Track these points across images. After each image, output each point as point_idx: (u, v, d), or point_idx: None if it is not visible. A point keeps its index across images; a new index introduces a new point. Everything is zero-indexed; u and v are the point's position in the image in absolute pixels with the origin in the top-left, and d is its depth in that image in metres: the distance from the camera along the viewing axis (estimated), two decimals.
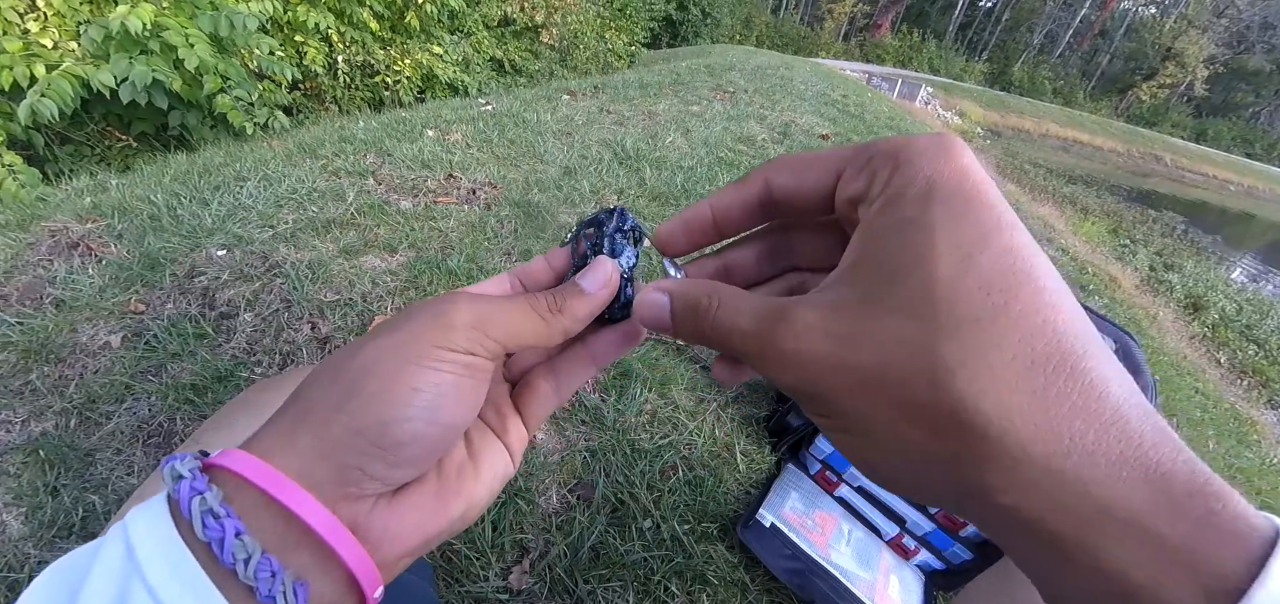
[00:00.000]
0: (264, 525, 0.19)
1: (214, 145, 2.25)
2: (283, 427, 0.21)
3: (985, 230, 0.16)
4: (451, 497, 0.23)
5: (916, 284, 0.16)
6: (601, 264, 0.26)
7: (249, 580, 0.18)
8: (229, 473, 0.19)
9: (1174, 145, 28.19)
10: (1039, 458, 0.15)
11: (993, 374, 0.15)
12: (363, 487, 0.20)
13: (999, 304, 0.16)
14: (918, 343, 0.16)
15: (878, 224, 0.18)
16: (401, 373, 0.21)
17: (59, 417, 0.92)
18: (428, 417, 0.21)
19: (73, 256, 1.23)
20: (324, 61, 3.43)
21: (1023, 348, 0.15)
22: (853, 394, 0.17)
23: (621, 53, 7.46)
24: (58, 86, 1.92)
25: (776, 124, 3.31)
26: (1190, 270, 6.18)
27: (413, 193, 1.72)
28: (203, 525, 0.18)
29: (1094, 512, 0.14)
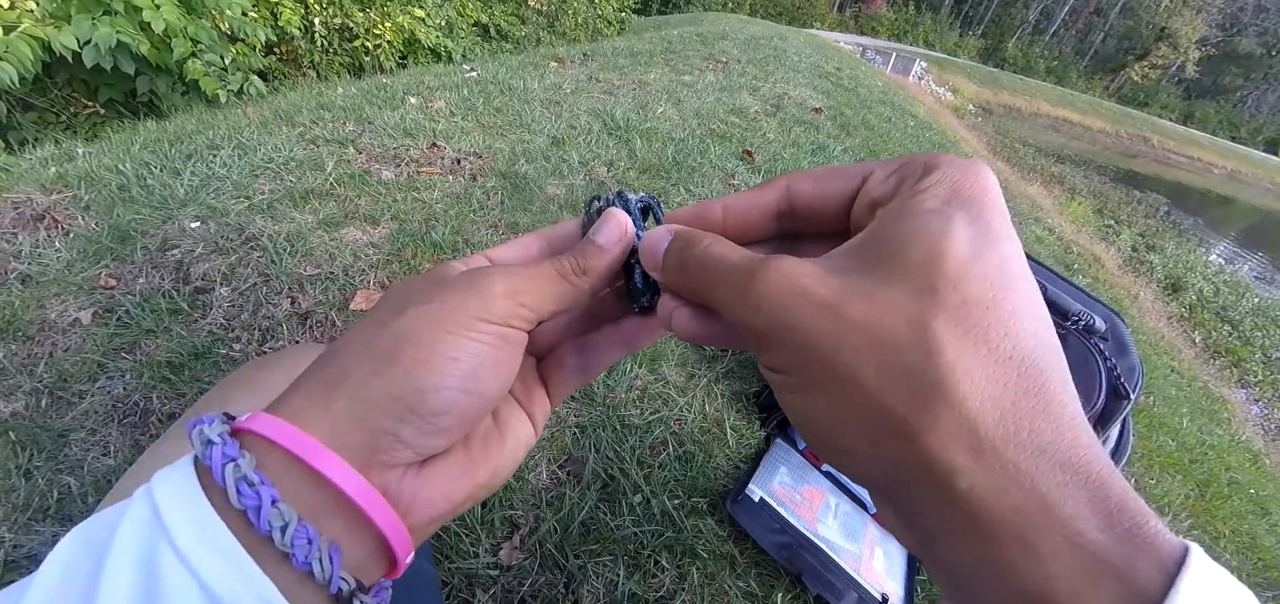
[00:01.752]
0: (297, 492, 0.19)
1: (185, 112, 2.17)
2: (314, 390, 0.20)
3: (995, 235, 0.18)
4: (479, 464, 0.23)
5: (923, 261, 0.17)
6: (612, 215, 0.26)
7: (285, 547, 0.18)
8: (259, 438, 0.19)
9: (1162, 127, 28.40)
10: (1000, 445, 0.15)
11: (977, 358, 0.16)
12: (395, 454, 0.20)
13: (998, 298, 0.17)
14: (915, 311, 0.16)
15: (897, 210, 0.19)
16: (440, 342, 0.21)
17: (29, 396, 0.89)
18: (465, 385, 0.21)
19: (38, 229, 1.18)
20: (300, 23, 3.30)
21: (1006, 344, 0.16)
22: (831, 345, 0.17)
23: (611, 19, 7.28)
24: (16, 49, 1.82)
25: (769, 96, 3.26)
26: (1171, 252, 6.27)
27: (395, 162, 1.67)
28: (238, 493, 0.18)
29: (1037, 509, 0.15)
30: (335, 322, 1.11)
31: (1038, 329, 0.17)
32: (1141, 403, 1.96)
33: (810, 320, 0.18)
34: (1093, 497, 0.15)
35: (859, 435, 0.17)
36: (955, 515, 0.16)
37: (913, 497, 0.17)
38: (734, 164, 2.20)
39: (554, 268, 0.24)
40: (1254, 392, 3.85)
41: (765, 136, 2.60)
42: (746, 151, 2.33)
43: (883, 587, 0.87)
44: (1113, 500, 0.15)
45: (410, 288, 0.23)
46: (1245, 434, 2.55)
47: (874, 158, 2.61)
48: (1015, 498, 0.15)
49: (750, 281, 0.19)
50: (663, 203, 0.31)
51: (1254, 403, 3.72)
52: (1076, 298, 0.84)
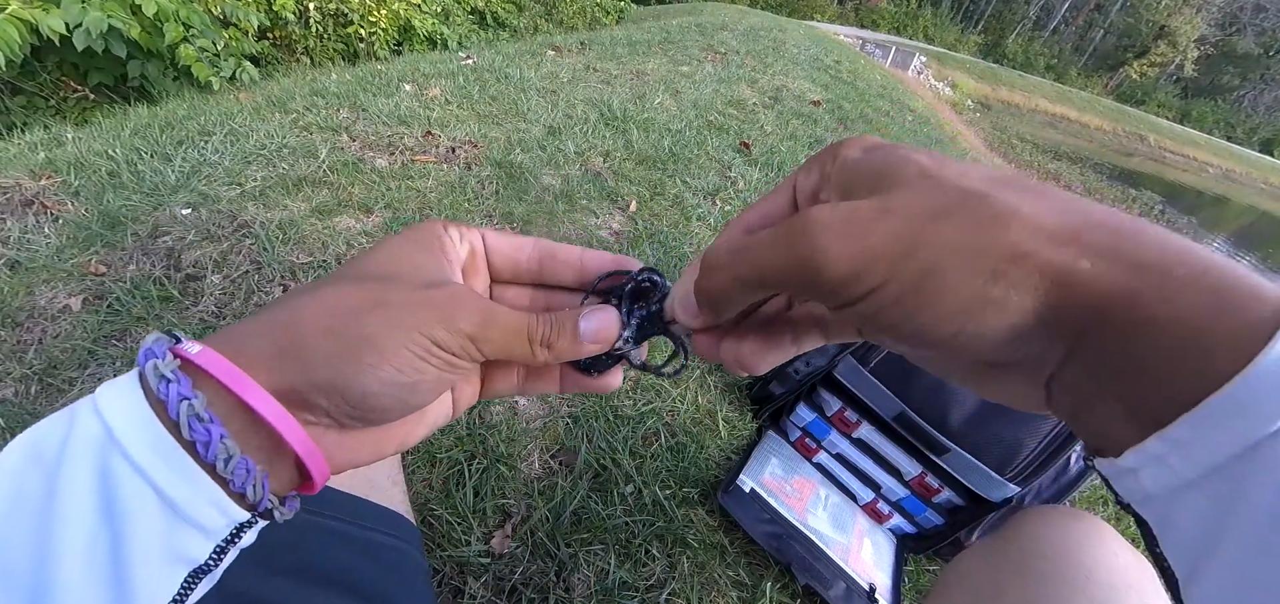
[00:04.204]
0: (237, 428, 0.21)
1: (177, 98, 2.15)
2: (264, 349, 0.22)
3: (942, 159, 0.19)
4: (391, 437, 0.25)
5: (915, 170, 0.18)
6: (605, 316, 0.26)
7: (226, 475, 0.20)
8: (206, 375, 0.21)
9: (1158, 126, 28.44)
10: (1089, 236, 0.16)
11: (1021, 193, 0.17)
12: (320, 417, 0.22)
13: (987, 168, 0.19)
14: (950, 188, 0.18)
15: (842, 165, 0.21)
16: (395, 352, 0.22)
17: (19, 383, 0.89)
18: (399, 395, 0.22)
19: (27, 215, 1.17)
20: (294, 8, 3.26)
21: (1026, 183, 0.18)
22: (909, 240, 0.17)
23: (609, 7, 7.23)
24: (3, 32, 1.80)
25: (768, 88, 3.25)
26: None
27: (389, 150, 1.66)
28: (190, 428, 0.19)
29: (1149, 268, 0.16)
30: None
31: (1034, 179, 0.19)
32: None
33: (875, 235, 0.18)
34: (1181, 247, 0.16)
35: (976, 293, 0.17)
36: (1083, 305, 0.16)
37: (1040, 317, 0.17)
38: (731, 156, 2.20)
39: (527, 330, 0.25)
40: None
41: (763, 129, 2.60)
42: (744, 144, 2.33)
43: (870, 577, 0.88)
44: (1199, 250, 0.16)
45: (395, 255, 0.24)
46: None
47: None
48: (1124, 266, 0.16)
49: (799, 223, 0.19)
50: (658, 201, 0.31)
51: None
52: None
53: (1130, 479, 0.18)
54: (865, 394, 0.88)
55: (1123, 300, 0.16)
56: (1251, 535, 0.15)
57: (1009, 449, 0.82)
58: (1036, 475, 0.82)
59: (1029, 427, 0.81)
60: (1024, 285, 0.17)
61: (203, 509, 0.20)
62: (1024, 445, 0.81)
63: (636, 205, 1.70)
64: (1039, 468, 0.81)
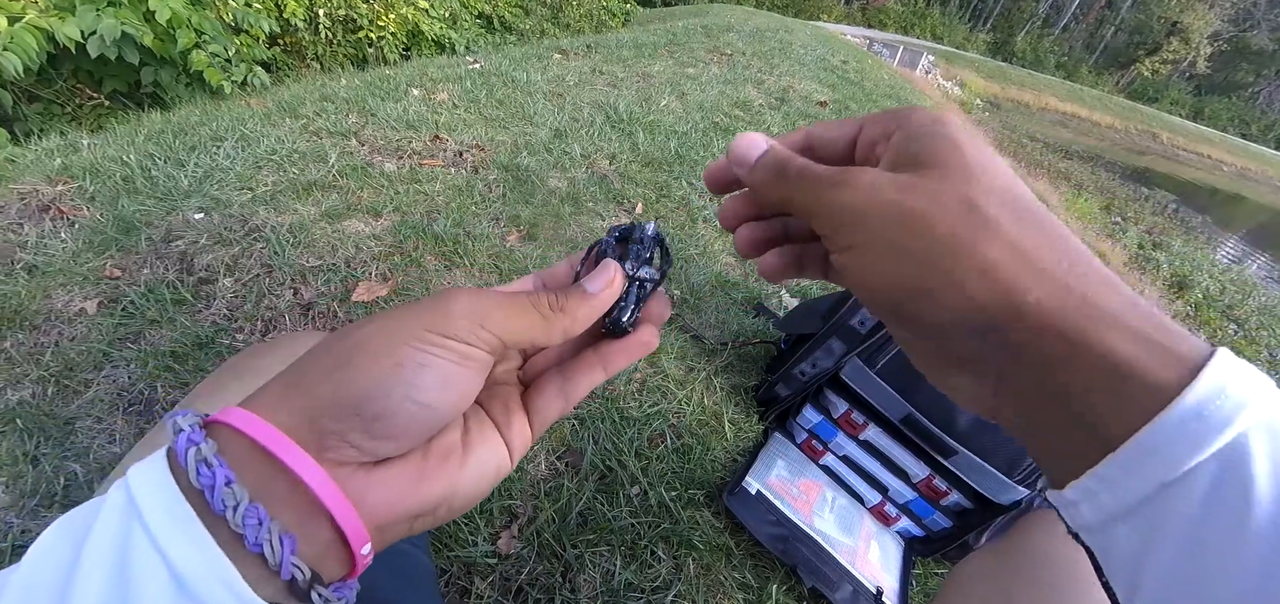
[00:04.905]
0: (253, 477, 0.20)
1: (189, 103, 2.18)
2: (276, 390, 0.22)
3: (987, 150, 0.22)
4: (431, 479, 0.23)
5: (954, 160, 0.21)
6: (607, 267, 0.27)
7: (237, 527, 0.19)
8: (225, 427, 0.20)
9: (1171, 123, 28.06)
10: (1052, 268, 0.20)
11: (1015, 218, 0.21)
12: (342, 452, 0.21)
13: (1013, 185, 0.22)
14: (964, 193, 0.21)
15: (907, 133, 0.23)
16: (389, 350, 0.21)
17: (36, 385, 0.90)
18: (407, 393, 0.21)
19: (44, 220, 1.19)
20: (304, 15, 3.30)
21: (1030, 214, 0.21)
22: (914, 212, 0.21)
23: (615, 11, 7.25)
24: (21, 40, 1.84)
25: (774, 89, 3.25)
26: (1178, 249, 6.21)
27: (397, 154, 1.68)
28: (197, 474, 0.19)
29: (1094, 311, 0.19)
30: (337, 313, 1.12)
31: (1044, 216, 0.21)
32: None
33: (893, 197, 0.22)
34: (1127, 301, 0.20)
35: (942, 279, 0.21)
36: (1031, 326, 0.20)
37: (992, 320, 0.21)
38: None
39: (530, 301, 0.25)
40: None
41: (770, 130, 2.59)
42: None
43: (878, 580, 0.87)
44: (1145, 305, 0.20)
45: (406, 304, 0.24)
46: None
47: None
48: (1078, 304, 0.19)
49: (840, 177, 0.23)
50: (664, 203, 0.32)
51: None
52: None
53: (1073, 511, 0.21)
54: (872, 396, 0.88)
55: (1064, 334, 0.19)
56: (1166, 568, 0.18)
57: (1017, 451, 0.81)
58: (1042, 475, 0.81)
59: None
60: (981, 292, 0.20)
61: (210, 586, 0.19)
62: None
63: (643, 207, 1.70)
64: None
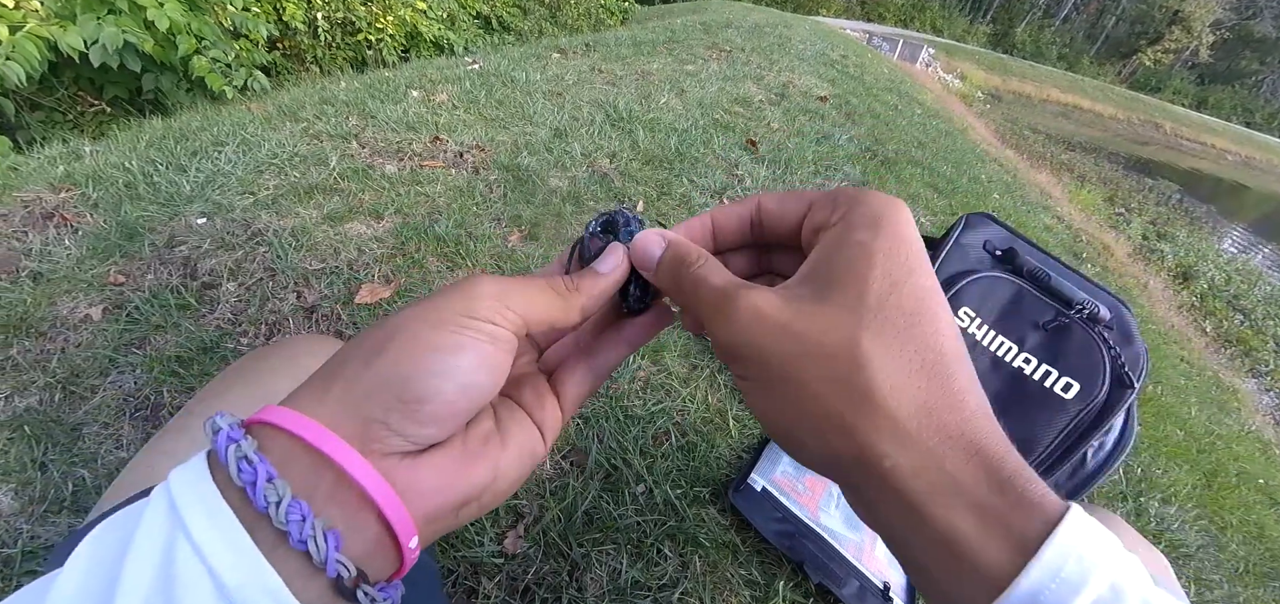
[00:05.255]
0: (296, 474, 0.20)
1: (190, 109, 2.18)
2: (314, 386, 0.22)
3: (910, 268, 0.22)
4: (475, 461, 0.24)
5: (855, 291, 0.22)
6: (614, 249, 0.28)
7: (280, 524, 0.19)
8: (266, 425, 0.20)
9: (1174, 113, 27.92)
10: (916, 435, 0.20)
11: (896, 368, 0.21)
12: (387, 442, 0.21)
13: (910, 324, 0.21)
14: (848, 333, 0.21)
15: (834, 238, 0.23)
16: (424, 335, 0.22)
17: (43, 391, 0.91)
18: (447, 374, 0.22)
19: (48, 227, 1.19)
20: (304, 18, 3.30)
21: (918, 357, 0.21)
22: (787, 360, 0.22)
23: (614, 9, 7.23)
24: (23, 49, 1.84)
25: (774, 85, 3.24)
26: (1182, 240, 6.18)
27: (398, 156, 1.68)
28: (238, 471, 0.19)
29: (945, 481, 0.20)
30: (340, 315, 1.13)
31: (944, 342, 0.21)
32: (1149, 392, 1.95)
33: (770, 340, 0.22)
34: (988, 470, 0.20)
35: (809, 430, 0.22)
36: (886, 489, 0.21)
37: (854, 477, 0.22)
38: (738, 154, 2.19)
39: (547, 282, 0.26)
40: (1265, 381, 3.81)
41: (769, 126, 2.59)
42: (750, 141, 2.32)
43: (884, 575, 0.87)
44: (1006, 472, 0.20)
45: (431, 295, 0.25)
46: (1255, 424, 2.53)
47: (881, 146, 2.58)
48: (929, 475, 0.20)
49: (725, 304, 0.24)
50: (665, 201, 0.33)
51: (1265, 393, 3.68)
52: (1081, 287, 0.83)
53: None
54: None
55: (911, 505, 0.20)
56: None
57: (1023, 444, 0.81)
58: (1052, 471, 0.81)
59: (1044, 421, 0.81)
60: (842, 447, 0.21)
61: (256, 598, 0.18)
62: (1039, 440, 0.80)
63: (644, 205, 1.70)
64: (1055, 463, 0.80)
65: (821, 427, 0.21)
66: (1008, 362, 0.79)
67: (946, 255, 0.83)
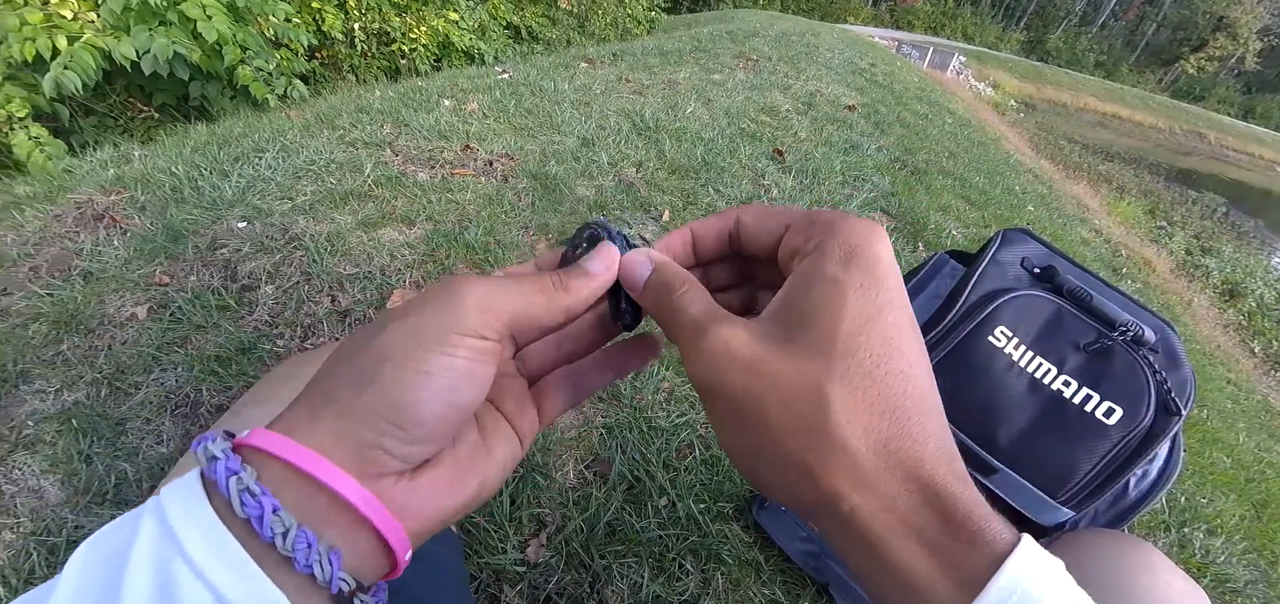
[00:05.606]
0: (295, 500, 0.20)
1: (233, 116, 2.26)
2: (305, 410, 0.22)
3: (881, 305, 0.22)
4: (467, 475, 0.25)
5: (825, 332, 0.21)
6: (605, 248, 0.28)
7: (287, 552, 0.19)
8: (259, 452, 0.21)
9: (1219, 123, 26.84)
10: (874, 479, 0.21)
11: (860, 413, 0.21)
12: (383, 464, 0.22)
13: (878, 364, 0.21)
14: (814, 377, 0.21)
15: (806, 271, 0.23)
16: (416, 357, 0.22)
17: (90, 386, 0.95)
18: (441, 397, 0.22)
19: (98, 228, 1.25)
20: (342, 28, 3.41)
21: (882, 400, 0.21)
22: (753, 400, 0.22)
23: (641, 18, 7.28)
24: (80, 58, 1.94)
25: (801, 93, 3.22)
26: (1228, 255, 5.92)
27: (429, 164, 1.71)
28: (241, 504, 0.19)
29: (901, 524, 0.21)
30: (373, 320, 1.15)
31: (909, 385, 0.22)
32: (1194, 417, 1.86)
33: (738, 377, 0.22)
34: (941, 511, 0.20)
35: (774, 470, 0.22)
36: (846, 529, 0.21)
37: (817, 517, 0.22)
38: (764, 164, 2.18)
39: (533, 281, 0.25)
40: None
41: (797, 135, 2.57)
42: (777, 151, 2.31)
43: None
44: (960, 512, 0.20)
45: (396, 308, 0.24)
46: None
47: (910, 156, 2.53)
48: (885, 518, 0.21)
49: (698, 338, 0.24)
50: (691, 211, 0.32)
51: None
52: (1125, 307, 0.80)
53: None
54: None
55: (869, 544, 0.21)
56: None
57: (1062, 470, 0.78)
58: (1092, 499, 0.78)
59: (1084, 447, 0.78)
60: (803, 489, 0.22)
61: None
62: (1079, 467, 0.77)
63: (670, 215, 1.70)
64: (1095, 491, 0.77)
65: (784, 468, 0.22)
66: (1046, 384, 0.77)
67: (982, 272, 0.81)
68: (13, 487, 0.82)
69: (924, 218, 2.11)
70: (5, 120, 1.93)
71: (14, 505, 0.80)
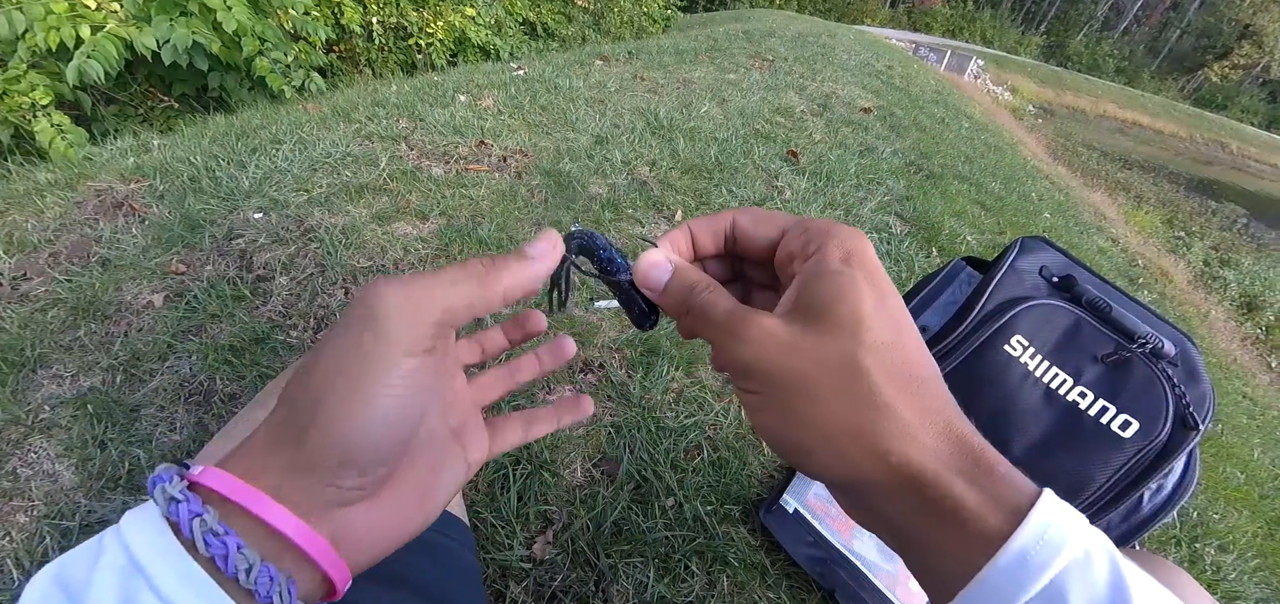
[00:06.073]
0: (251, 536, 0.21)
1: (251, 107, 2.29)
2: (260, 446, 0.23)
3: (883, 294, 0.25)
4: (411, 510, 0.27)
5: (846, 316, 0.24)
6: (546, 233, 0.28)
7: (250, 586, 0.20)
8: (214, 493, 0.21)
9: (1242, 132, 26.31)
10: (917, 428, 0.23)
11: (892, 378, 0.23)
12: (331, 497, 0.23)
13: (894, 340, 0.24)
14: (848, 350, 0.23)
15: (813, 270, 0.26)
16: (356, 391, 0.22)
17: (106, 373, 0.96)
18: (384, 427, 0.23)
19: (117, 216, 1.27)
20: (360, 22, 3.43)
21: (905, 367, 0.24)
22: (798, 376, 0.24)
23: (656, 17, 7.26)
24: (103, 48, 1.97)
25: (816, 95, 3.19)
26: (1248, 267, 5.81)
27: (444, 159, 1.72)
28: (206, 544, 0.20)
29: (944, 465, 0.23)
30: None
31: (921, 355, 0.25)
32: (1208, 431, 1.83)
33: (780, 357, 0.24)
34: (976, 458, 0.23)
35: (819, 440, 0.24)
36: (896, 477, 0.23)
37: (864, 473, 0.24)
38: (778, 165, 2.17)
39: (462, 268, 0.25)
40: None
41: (811, 137, 2.55)
42: (791, 152, 2.29)
43: None
44: (989, 457, 0.23)
45: (328, 332, 0.25)
46: None
47: (926, 160, 2.50)
48: (933, 461, 0.23)
49: (737, 327, 0.25)
50: (703, 211, 0.32)
51: None
52: (1144, 319, 0.78)
53: None
54: None
55: (918, 487, 0.23)
56: None
57: (1076, 482, 0.77)
58: (1105, 512, 0.77)
59: (1099, 459, 0.76)
60: (852, 451, 0.24)
61: None
62: (1093, 479, 0.76)
63: (682, 214, 1.69)
64: (1109, 504, 0.76)
65: (832, 435, 0.24)
66: (1062, 395, 0.76)
67: (1000, 280, 0.80)
68: (28, 470, 0.83)
69: (939, 223, 2.08)
70: (29, 108, 1.96)
71: (29, 488, 0.81)
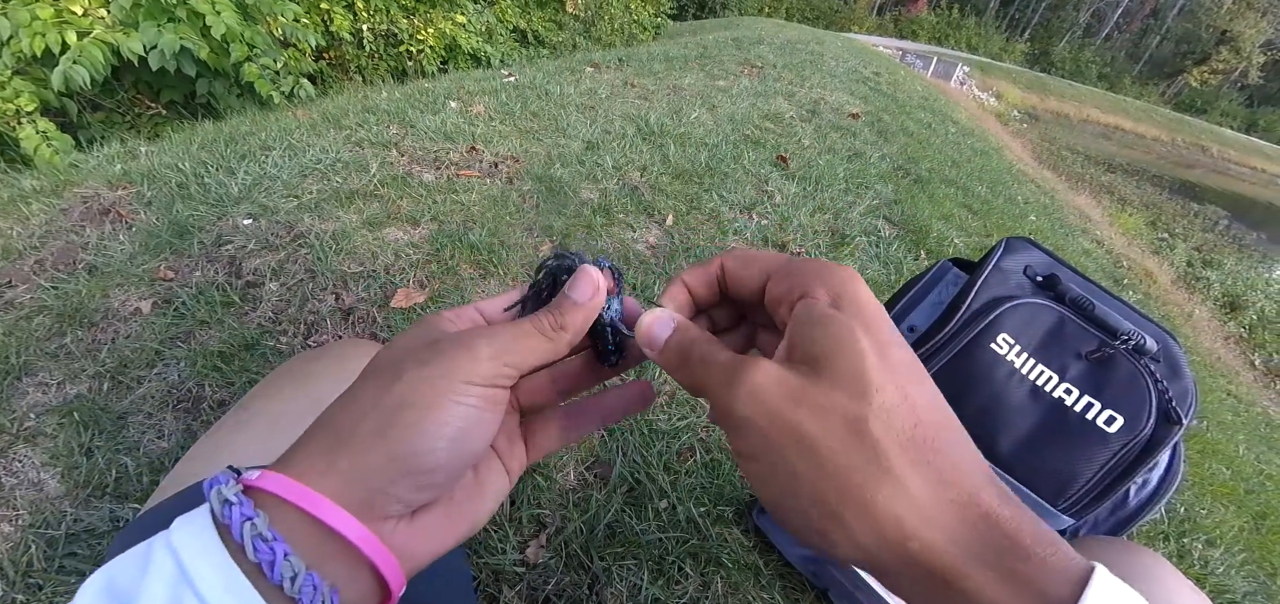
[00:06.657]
0: (303, 542, 0.21)
1: (240, 114, 2.27)
2: (320, 449, 0.23)
3: (884, 344, 0.23)
4: (460, 518, 0.27)
5: (847, 372, 0.21)
6: (585, 273, 0.28)
7: (294, 594, 0.21)
8: (271, 496, 0.22)
9: (1222, 136, 26.83)
10: (935, 509, 0.20)
11: (902, 447, 0.21)
12: (388, 508, 0.23)
13: (903, 396, 0.21)
14: (854, 412, 0.21)
15: (805, 315, 0.24)
16: (435, 406, 0.23)
17: (92, 380, 0.95)
18: (454, 447, 0.23)
19: (104, 223, 1.25)
20: (350, 29, 3.42)
21: (916, 432, 0.21)
22: (802, 433, 0.21)
23: (647, 24, 7.31)
24: (89, 53, 1.95)
25: (805, 101, 3.22)
26: (1230, 267, 5.92)
27: (435, 165, 1.72)
28: (254, 549, 0.20)
29: (968, 555, 0.20)
30: (376, 318, 1.15)
31: (937, 415, 0.22)
32: (1194, 428, 1.86)
33: (785, 409, 0.22)
34: (1008, 539, 0.20)
35: (825, 511, 0.21)
36: (914, 568, 0.20)
37: (876, 560, 0.21)
38: (768, 170, 2.18)
39: (533, 325, 0.27)
40: None
41: (800, 142, 2.58)
42: (781, 157, 2.31)
43: None
44: (1026, 538, 0.20)
45: (407, 348, 0.25)
46: None
47: (914, 164, 2.53)
48: (954, 551, 0.20)
49: (734, 378, 0.23)
50: (694, 215, 0.33)
51: None
52: (1127, 317, 0.80)
53: None
54: None
55: (941, 577, 0.20)
56: None
57: (1063, 479, 0.78)
58: (1092, 507, 0.78)
59: (1085, 455, 0.78)
60: (864, 534, 0.21)
61: None
62: (1079, 475, 0.77)
63: (673, 219, 1.70)
64: (1095, 499, 0.77)
65: (837, 510, 0.21)
66: (1047, 391, 0.77)
67: (985, 279, 0.81)
68: (13, 479, 0.82)
69: (926, 226, 2.11)
70: (14, 114, 1.94)
71: (14, 498, 0.80)
